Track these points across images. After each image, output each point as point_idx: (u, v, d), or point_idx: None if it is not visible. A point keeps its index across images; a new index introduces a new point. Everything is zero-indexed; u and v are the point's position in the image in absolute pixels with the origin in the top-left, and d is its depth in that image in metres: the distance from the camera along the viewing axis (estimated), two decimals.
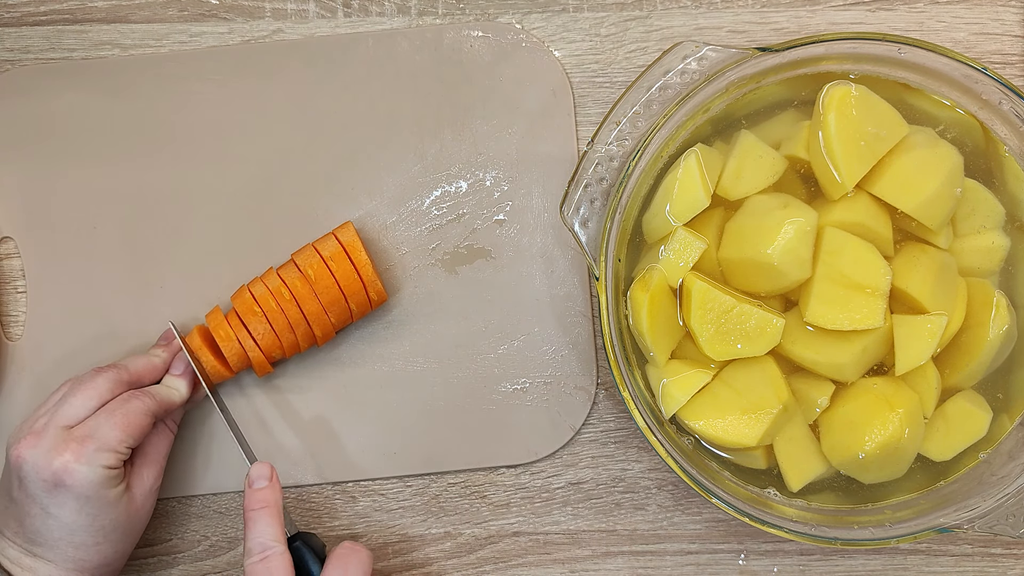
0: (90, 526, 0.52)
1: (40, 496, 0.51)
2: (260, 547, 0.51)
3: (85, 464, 0.51)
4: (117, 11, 0.63)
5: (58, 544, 0.51)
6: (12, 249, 0.62)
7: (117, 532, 0.53)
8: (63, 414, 0.53)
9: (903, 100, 0.55)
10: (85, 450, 0.51)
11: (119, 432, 0.52)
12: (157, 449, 0.57)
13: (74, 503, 0.51)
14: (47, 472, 0.51)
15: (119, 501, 0.53)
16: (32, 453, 0.51)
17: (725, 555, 0.61)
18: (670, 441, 0.53)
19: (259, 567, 0.51)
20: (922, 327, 0.52)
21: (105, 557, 0.53)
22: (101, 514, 0.52)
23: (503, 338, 0.61)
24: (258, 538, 0.52)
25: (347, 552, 0.52)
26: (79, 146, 0.62)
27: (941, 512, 0.52)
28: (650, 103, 0.54)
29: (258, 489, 0.53)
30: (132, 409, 0.53)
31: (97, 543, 0.52)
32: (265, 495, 0.53)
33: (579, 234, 0.53)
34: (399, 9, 0.63)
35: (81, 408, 0.53)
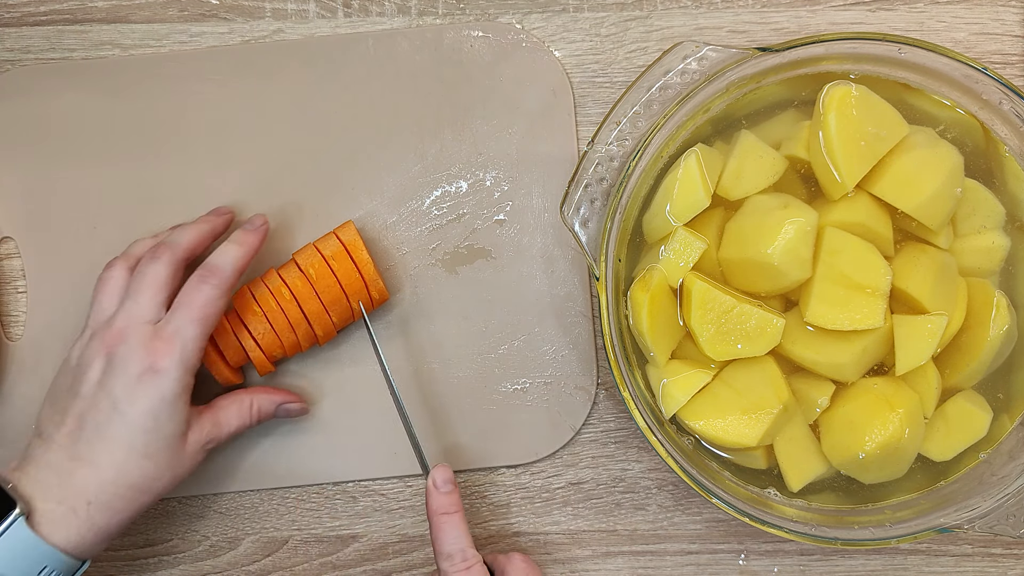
0: (151, 432, 0.51)
1: (117, 391, 0.50)
2: (461, 554, 0.51)
3: (173, 362, 0.51)
4: (117, 11, 0.63)
5: (112, 444, 0.50)
6: (12, 249, 0.62)
7: (164, 457, 0.52)
8: (138, 313, 0.52)
9: (903, 100, 0.55)
10: (173, 348, 0.51)
11: (198, 327, 0.52)
12: (228, 418, 0.56)
13: (148, 403, 0.50)
14: (136, 367, 0.50)
15: (180, 424, 0.52)
16: (123, 348, 0.51)
17: (725, 555, 0.61)
18: (670, 441, 0.53)
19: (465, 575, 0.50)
20: (922, 327, 0.52)
21: (144, 477, 0.51)
22: (163, 426, 0.51)
23: (503, 338, 0.61)
24: (456, 543, 0.51)
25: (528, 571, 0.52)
26: (79, 146, 0.62)
27: (941, 512, 0.52)
28: (650, 103, 0.54)
29: (446, 493, 0.53)
30: (206, 299, 0.53)
31: (147, 456, 0.51)
32: (455, 499, 0.53)
33: (579, 234, 0.53)
34: (399, 9, 0.63)
35: (152, 304, 0.53)
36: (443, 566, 0.51)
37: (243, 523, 0.62)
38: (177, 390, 0.51)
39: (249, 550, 0.62)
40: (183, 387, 0.52)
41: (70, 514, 0.49)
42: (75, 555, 0.49)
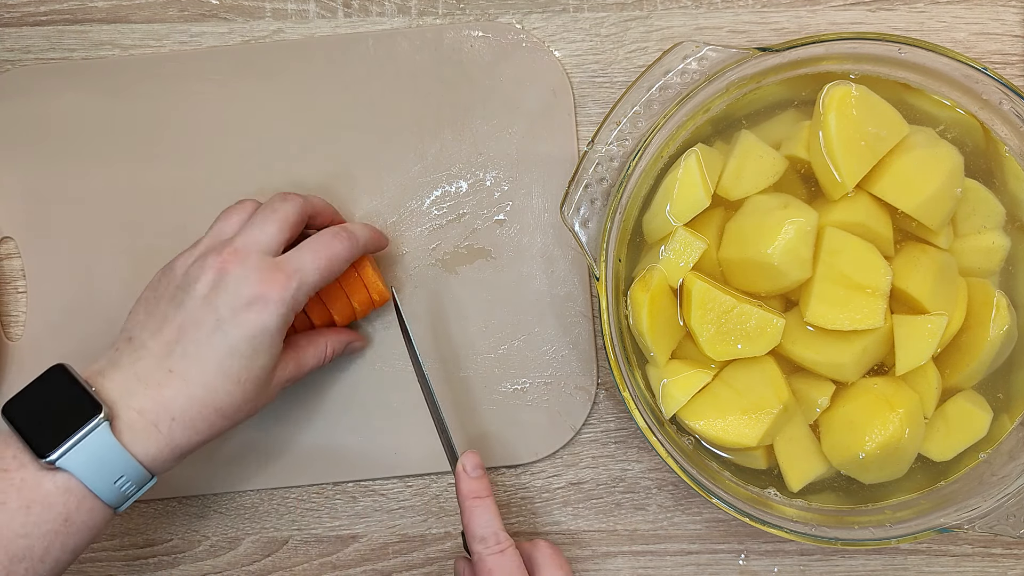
0: (247, 359, 0.49)
1: (223, 310, 0.49)
2: (495, 537, 0.51)
3: (286, 297, 0.50)
4: (117, 11, 0.63)
5: (208, 364, 0.49)
6: (12, 249, 0.62)
7: (252, 388, 0.50)
8: (261, 240, 0.51)
9: (903, 100, 0.55)
10: (290, 283, 0.50)
11: (320, 273, 0.51)
12: (306, 357, 0.55)
13: (252, 330, 0.49)
14: (248, 290, 0.49)
15: (274, 359, 0.51)
16: (239, 269, 0.49)
17: (725, 555, 0.61)
18: (670, 441, 0.53)
19: (500, 559, 0.50)
20: (922, 327, 0.52)
21: (231, 403, 0.50)
22: (260, 357, 0.50)
23: (503, 338, 0.61)
24: (489, 526, 0.51)
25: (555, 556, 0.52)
26: (79, 146, 0.62)
27: (941, 512, 0.52)
28: (650, 103, 0.54)
29: (476, 478, 0.53)
30: (335, 252, 0.52)
31: (239, 382, 0.49)
32: (486, 484, 0.53)
33: (579, 234, 0.53)
34: (399, 9, 0.63)
35: (277, 236, 0.52)
36: (477, 548, 0.51)
37: (243, 523, 0.62)
38: (280, 325, 0.50)
39: (249, 550, 0.62)
40: (286, 323, 0.50)
41: (152, 427, 0.48)
42: (149, 468, 0.48)
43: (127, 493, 0.48)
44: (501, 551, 0.50)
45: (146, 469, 0.48)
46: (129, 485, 0.47)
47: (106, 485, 0.46)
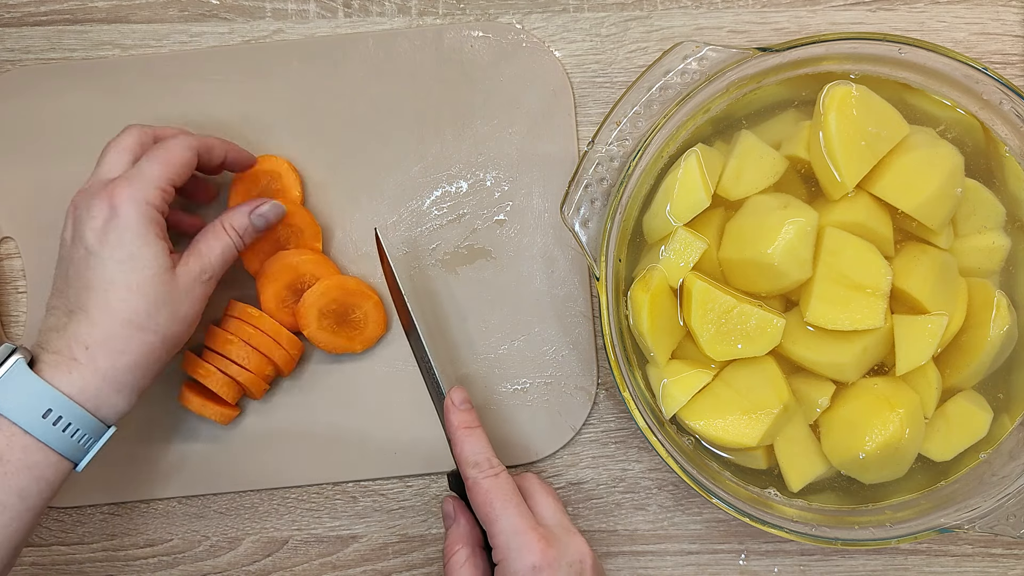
0: (127, 264, 0.50)
1: (88, 238, 0.50)
2: (487, 462, 0.52)
3: (132, 195, 0.50)
4: (118, 11, 0.63)
5: (95, 287, 0.50)
6: (12, 249, 0.62)
7: (152, 290, 0.51)
8: (102, 172, 0.53)
9: (904, 100, 0.55)
10: (131, 184, 0.51)
11: (160, 166, 0.52)
12: (208, 245, 0.54)
13: (116, 238, 0.50)
14: (100, 211, 0.50)
15: (158, 256, 0.51)
16: (83, 199, 0.51)
17: (726, 555, 0.61)
18: (670, 441, 0.53)
19: (495, 481, 0.51)
20: (923, 327, 0.52)
21: (136, 312, 0.50)
22: (139, 259, 0.50)
23: (503, 338, 0.61)
24: (482, 453, 0.52)
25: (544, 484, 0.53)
26: (80, 146, 0.62)
27: (942, 512, 0.52)
28: (651, 103, 0.54)
29: (465, 410, 0.54)
30: (170, 145, 0.53)
31: (132, 290, 0.50)
32: (475, 416, 0.54)
33: (579, 234, 0.53)
34: (399, 9, 0.63)
35: (117, 163, 0.53)
36: (471, 473, 0.51)
37: (243, 523, 0.62)
38: (142, 222, 0.50)
39: (249, 550, 0.62)
40: (148, 219, 0.51)
41: (70, 360, 0.49)
42: (82, 403, 0.49)
43: (77, 439, 0.49)
44: (495, 474, 0.51)
45: (77, 403, 0.48)
46: (71, 428, 0.48)
47: (34, 419, 0.48)
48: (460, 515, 0.53)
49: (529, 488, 0.53)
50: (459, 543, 0.52)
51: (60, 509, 0.62)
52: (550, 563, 0.48)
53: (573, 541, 0.50)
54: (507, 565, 0.48)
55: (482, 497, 0.50)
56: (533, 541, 0.48)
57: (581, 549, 0.50)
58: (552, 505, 0.52)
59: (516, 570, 0.48)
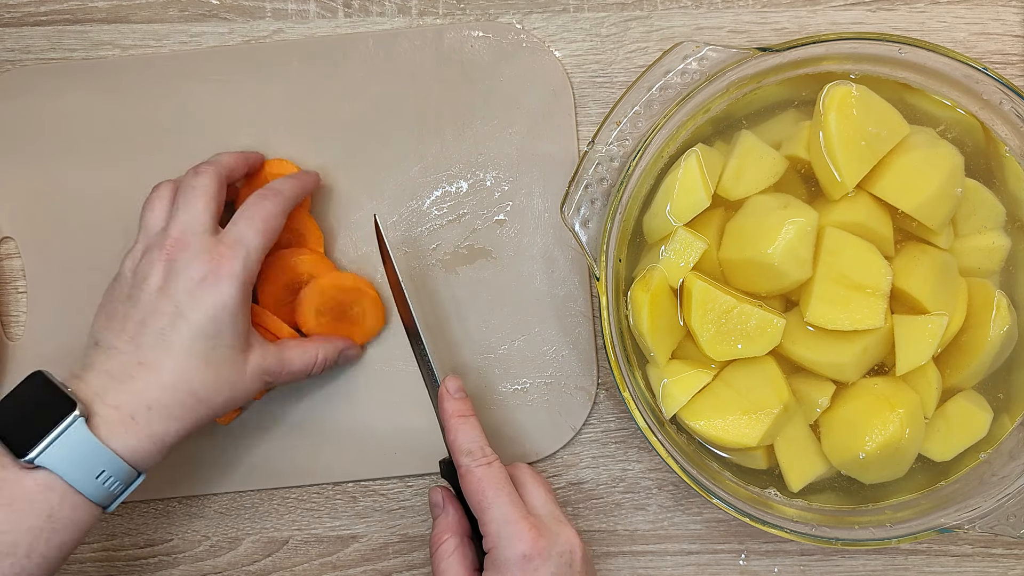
0: (213, 339, 0.50)
1: (179, 296, 0.50)
2: (481, 451, 0.52)
3: (236, 268, 0.51)
4: (118, 11, 0.63)
5: (174, 349, 0.50)
6: (12, 249, 0.62)
7: (225, 369, 0.51)
8: (194, 222, 0.52)
9: (904, 100, 0.55)
10: (236, 254, 0.51)
11: (261, 238, 0.52)
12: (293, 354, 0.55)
13: (211, 309, 0.50)
14: (199, 271, 0.50)
15: (241, 336, 0.52)
16: (184, 255, 0.51)
17: (726, 555, 0.61)
18: (671, 441, 0.53)
19: (488, 470, 0.51)
20: (923, 327, 0.52)
21: (204, 386, 0.50)
22: (225, 334, 0.51)
23: (503, 338, 0.61)
24: (476, 441, 0.52)
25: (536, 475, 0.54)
26: (80, 146, 0.62)
27: (942, 512, 0.52)
28: (651, 103, 0.54)
29: (460, 399, 0.54)
30: (268, 212, 0.53)
31: (208, 363, 0.50)
32: (469, 405, 0.54)
33: (579, 234, 0.53)
34: (399, 9, 0.63)
35: (206, 212, 0.52)
36: (463, 461, 0.51)
37: (243, 523, 0.62)
38: (239, 298, 0.51)
39: (249, 550, 0.62)
40: (244, 296, 0.51)
41: (128, 419, 0.48)
42: (131, 462, 0.49)
43: (113, 490, 0.48)
44: (488, 463, 0.51)
45: (127, 463, 0.48)
46: (113, 481, 0.48)
47: (87, 480, 0.47)
48: (448, 504, 0.53)
49: (521, 478, 0.53)
50: (447, 532, 0.52)
51: None
52: (540, 552, 0.48)
53: (564, 531, 0.50)
54: (497, 553, 0.49)
55: (475, 485, 0.50)
56: (524, 530, 0.49)
57: (571, 540, 0.50)
58: (543, 495, 0.52)
59: (507, 558, 0.48)
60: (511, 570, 0.48)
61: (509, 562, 0.48)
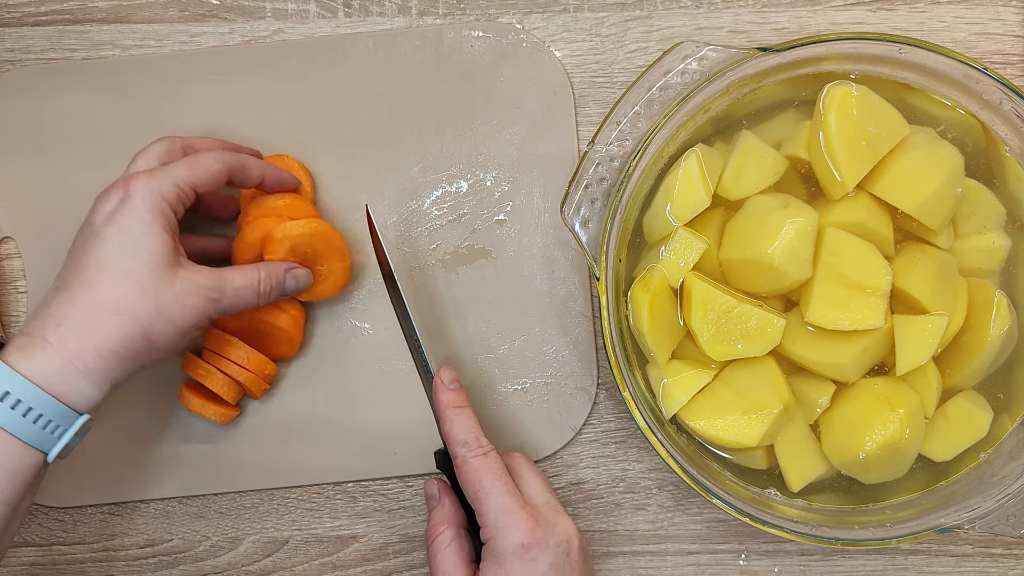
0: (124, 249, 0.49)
1: (96, 219, 0.50)
2: (476, 441, 0.51)
3: (149, 187, 0.50)
4: (118, 11, 0.63)
5: (88, 265, 0.49)
6: (13, 249, 0.62)
7: (143, 280, 0.49)
8: (130, 171, 0.53)
9: (904, 100, 0.55)
10: (151, 176, 0.51)
11: (185, 168, 0.52)
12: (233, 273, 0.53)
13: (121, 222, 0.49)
14: (115, 198, 0.50)
15: (160, 248, 0.50)
16: (109, 189, 0.51)
17: (726, 555, 0.61)
18: (671, 441, 0.53)
19: (483, 460, 0.51)
20: (923, 327, 0.52)
21: (120, 297, 0.48)
22: (139, 245, 0.49)
23: (503, 338, 0.61)
24: (472, 432, 0.52)
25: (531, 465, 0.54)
26: (80, 146, 0.62)
27: (942, 512, 0.52)
28: (651, 103, 0.54)
29: (455, 390, 0.53)
30: (202, 156, 0.53)
31: (122, 274, 0.49)
32: (464, 396, 0.54)
33: (579, 234, 0.53)
34: (400, 9, 0.63)
35: (143, 165, 0.53)
36: (460, 452, 0.51)
37: (243, 523, 0.62)
38: (151, 211, 0.50)
39: (249, 550, 0.62)
40: (157, 210, 0.50)
41: (40, 340, 0.47)
42: (47, 387, 0.46)
43: (45, 427, 0.46)
44: (484, 454, 0.51)
45: (42, 388, 0.46)
46: (37, 415, 0.46)
47: (4, 414, 0.45)
48: (444, 496, 0.53)
49: (517, 468, 0.53)
50: (443, 524, 0.52)
51: (60, 509, 0.62)
52: (538, 541, 0.48)
53: (561, 521, 0.50)
54: (495, 543, 0.48)
55: (471, 476, 0.50)
56: (522, 520, 0.49)
57: (568, 529, 0.50)
58: (540, 485, 0.52)
59: (505, 548, 0.48)
60: (509, 560, 0.48)
61: (507, 552, 0.48)
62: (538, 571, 0.48)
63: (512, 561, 0.48)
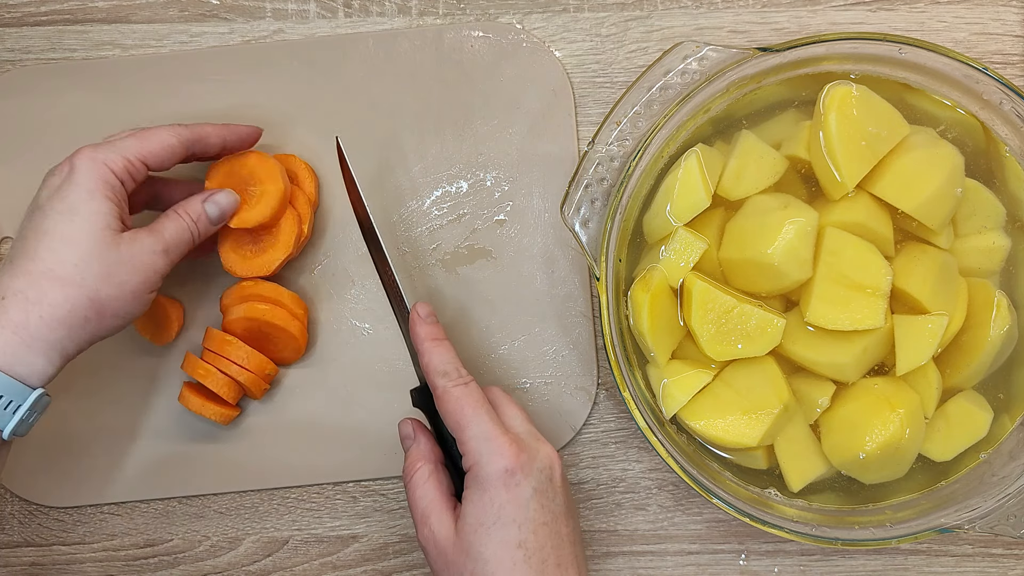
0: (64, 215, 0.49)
1: (41, 195, 0.50)
2: (456, 372, 0.51)
3: (92, 155, 0.50)
4: (118, 11, 0.63)
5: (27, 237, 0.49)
6: None
7: (86, 245, 0.48)
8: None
9: (904, 100, 0.55)
10: (95, 148, 0.51)
11: (133, 140, 0.52)
12: (161, 224, 0.53)
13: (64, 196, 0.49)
14: (59, 169, 0.50)
15: (102, 213, 0.49)
16: (53, 168, 0.51)
17: (726, 555, 0.61)
18: (671, 441, 0.53)
19: (464, 390, 0.50)
20: (923, 327, 0.52)
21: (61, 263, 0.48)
22: (79, 210, 0.49)
23: (504, 338, 0.61)
24: (451, 363, 0.52)
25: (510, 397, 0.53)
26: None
27: (942, 512, 0.52)
28: (651, 103, 0.54)
29: (432, 323, 0.53)
30: (155, 129, 0.53)
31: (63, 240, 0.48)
32: (441, 329, 0.53)
33: (580, 234, 0.53)
34: (400, 9, 0.63)
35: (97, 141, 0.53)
36: (439, 382, 0.51)
37: (243, 523, 0.62)
38: (92, 177, 0.49)
39: (249, 550, 0.62)
40: (100, 178, 0.50)
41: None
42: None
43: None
44: (465, 383, 0.51)
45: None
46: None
47: None
48: (419, 434, 0.53)
49: (496, 399, 0.53)
50: (420, 460, 0.51)
51: (60, 509, 0.62)
52: (522, 466, 0.48)
53: (542, 448, 0.50)
54: (479, 470, 0.48)
55: (453, 405, 0.50)
56: (505, 445, 0.49)
57: (550, 455, 0.50)
58: (519, 415, 0.52)
59: (488, 474, 0.48)
60: (494, 484, 0.48)
61: (492, 477, 0.48)
62: (522, 496, 0.48)
63: (496, 486, 0.48)
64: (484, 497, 0.48)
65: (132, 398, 0.61)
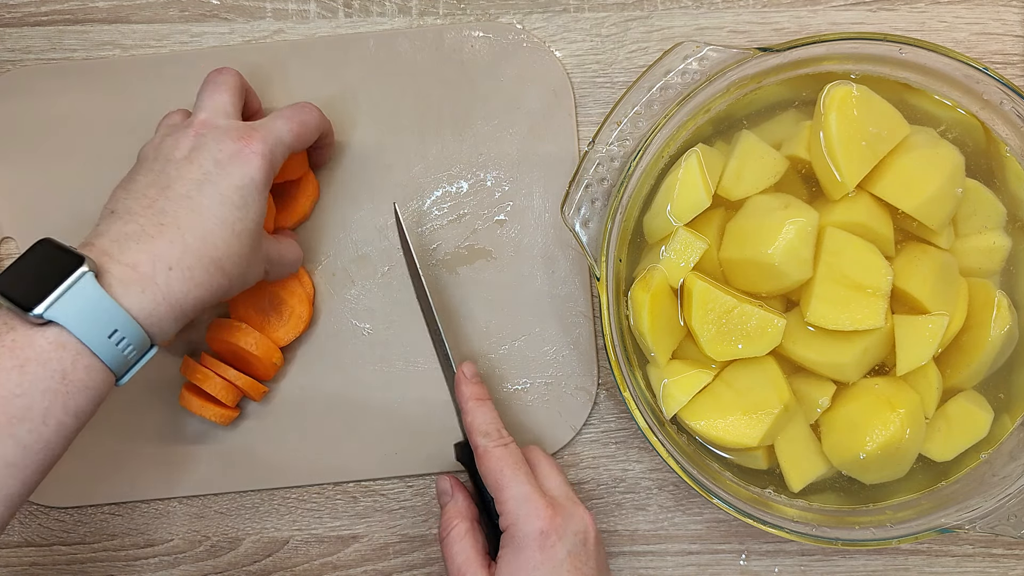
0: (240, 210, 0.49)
1: (208, 164, 0.49)
2: (498, 432, 0.53)
3: (264, 149, 0.50)
4: (118, 11, 0.63)
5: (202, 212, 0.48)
6: (13, 249, 0.62)
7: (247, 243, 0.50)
8: (217, 108, 0.52)
9: (904, 100, 0.55)
10: (266, 137, 0.51)
11: (292, 135, 0.53)
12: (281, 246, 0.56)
13: (239, 179, 0.49)
14: (229, 147, 0.50)
15: (261, 216, 0.51)
16: (215, 131, 0.50)
17: (726, 555, 0.61)
18: (671, 441, 0.53)
19: (504, 450, 0.52)
20: (923, 327, 0.52)
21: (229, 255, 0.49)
22: (250, 208, 0.50)
23: (504, 338, 0.61)
24: (493, 423, 0.53)
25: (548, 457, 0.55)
26: (80, 146, 0.62)
27: (942, 512, 0.52)
28: (651, 103, 0.54)
29: (476, 383, 0.55)
30: (306, 117, 0.54)
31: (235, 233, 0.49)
32: (485, 390, 0.55)
33: (580, 234, 0.53)
34: (400, 9, 0.63)
35: (231, 101, 0.53)
36: (481, 442, 0.52)
37: (243, 523, 0.62)
38: (263, 178, 0.50)
39: (249, 550, 0.62)
40: (267, 179, 0.51)
41: (146, 278, 0.46)
42: (146, 326, 0.46)
43: (128, 356, 0.46)
44: (505, 444, 0.52)
45: (141, 326, 0.46)
46: (127, 346, 0.46)
47: (100, 340, 0.45)
48: (457, 491, 0.54)
49: (535, 459, 0.54)
50: (457, 517, 0.53)
51: (60, 509, 0.62)
52: (557, 529, 0.49)
53: (577, 511, 0.51)
54: (515, 530, 0.50)
55: (493, 464, 0.51)
56: (541, 508, 0.50)
57: (585, 519, 0.51)
58: (557, 477, 0.53)
59: (525, 534, 0.49)
60: (529, 545, 0.49)
61: (528, 538, 0.49)
62: (556, 558, 0.49)
63: (531, 547, 0.49)
64: (519, 557, 0.49)
65: (132, 398, 0.61)
